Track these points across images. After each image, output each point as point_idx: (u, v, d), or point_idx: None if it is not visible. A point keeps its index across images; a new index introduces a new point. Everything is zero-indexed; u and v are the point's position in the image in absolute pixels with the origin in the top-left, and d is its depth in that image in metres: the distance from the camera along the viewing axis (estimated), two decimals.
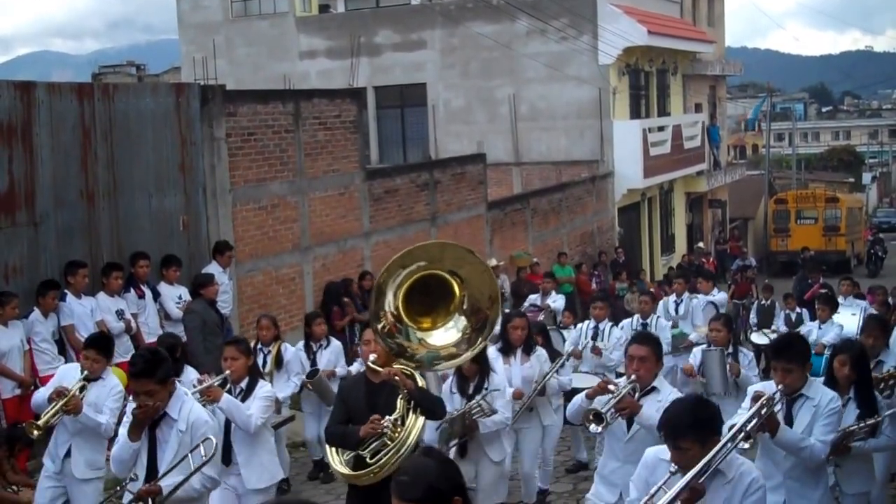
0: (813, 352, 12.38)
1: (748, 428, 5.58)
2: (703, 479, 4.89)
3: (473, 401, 8.14)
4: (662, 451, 5.12)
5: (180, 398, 6.32)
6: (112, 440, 7.20)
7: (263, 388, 7.79)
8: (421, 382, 6.89)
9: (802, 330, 14.16)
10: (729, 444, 5.09)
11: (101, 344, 8.08)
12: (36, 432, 7.80)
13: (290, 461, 11.21)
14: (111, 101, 12.24)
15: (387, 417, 6.61)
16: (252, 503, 7.51)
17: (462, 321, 6.46)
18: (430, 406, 6.85)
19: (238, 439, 7.63)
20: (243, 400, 7.63)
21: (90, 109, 11.95)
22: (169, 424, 6.26)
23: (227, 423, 7.59)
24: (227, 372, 7.68)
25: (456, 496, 3.62)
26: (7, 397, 10.39)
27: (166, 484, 6.10)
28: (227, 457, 7.60)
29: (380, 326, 6.45)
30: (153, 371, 6.12)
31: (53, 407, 7.65)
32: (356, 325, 15.07)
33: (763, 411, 5.79)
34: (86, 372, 7.82)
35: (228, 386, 7.71)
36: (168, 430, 6.25)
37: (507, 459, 8.75)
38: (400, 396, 6.68)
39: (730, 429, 5.40)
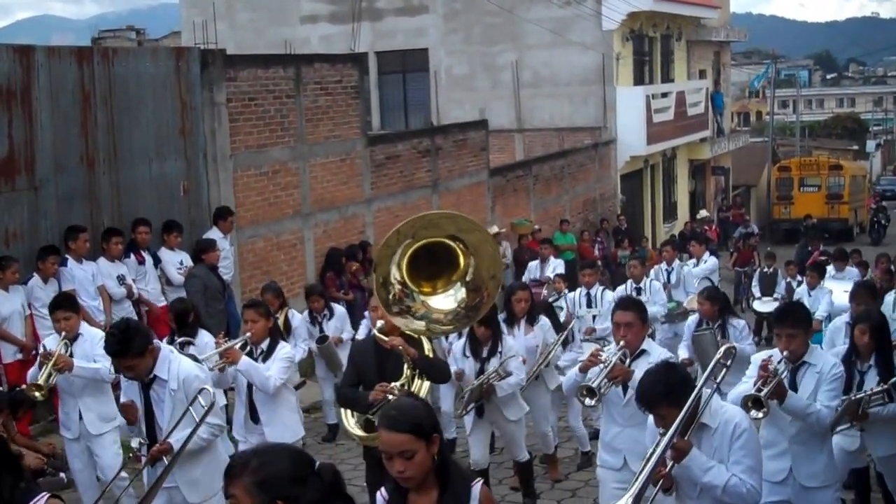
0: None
1: (762, 395, 5.73)
2: (688, 434, 5.06)
3: (490, 370, 8.47)
4: None
5: (166, 358, 6.43)
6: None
7: (283, 349, 7.98)
8: (427, 347, 6.98)
9: (794, 297, 14.22)
10: (705, 394, 5.20)
11: (65, 302, 8.21)
12: (38, 393, 7.89)
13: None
14: (111, 66, 12.18)
15: (394, 384, 6.72)
16: None
17: (462, 293, 6.47)
18: (433, 372, 7.02)
19: (260, 399, 7.86)
20: (264, 361, 7.81)
21: (90, 74, 11.90)
22: (161, 385, 6.39)
23: (250, 384, 7.79)
24: (248, 334, 7.86)
25: (435, 433, 4.02)
26: (8, 362, 10.43)
27: (175, 439, 6.23)
28: (255, 415, 7.90)
29: (388, 295, 6.45)
30: (128, 348, 6.19)
31: (45, 369, 7.71)
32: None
33: (772, 378, 5.87)
34: (63, 333, 7.87)
35: (249, 348, 7.87)
36: (161, 390, 6.39)
37: (524, 418, 9.04)
38: (405, 363, 6.82)
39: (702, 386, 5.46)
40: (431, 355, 7.07)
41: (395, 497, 4.09)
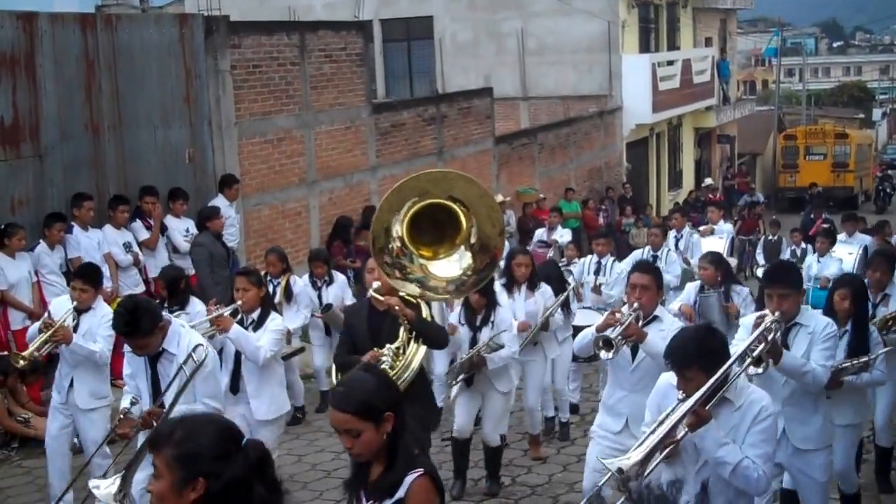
0: (818, 286, 12.48)
1: (753, 353, 5.56)
2: (709, 405, 4.89)
3: (480, 343, 8.33)
4: (674, 376, 5.11)
5: (176, 333, 6.36)
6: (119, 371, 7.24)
7: (275, 320, 7.82)
8: (425, 311, 6.89)
9: (805, 264, 14.17)
10: (736, 369, 5.09)
11: (88, 274, 8.11)
12: (21, 362, 7.87)
13: (304, 391, 11.37)
14: (114, 32, 12.14)
15: (387, 347, 6.63)
16: (262, 434, 7.51)
17: (467, 258, 6.39)
18: (431, 335, 6.89)
19: (247, 370, 7.70)
20: (255, 330, 7.68)
21: (93, 40, 11.86)
22: (169, 359, 6.32)
23: (237, 353, 7.65)
24: (239, 303, 7.70)
25: (389, 412, 3.86)
26: (17, 328, 10.46)
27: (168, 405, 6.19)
28: (236, 385, 7.70)
29: (385, 247, 6.36)
30: (136, 328, 6.16)
31: (41, 338, 7.68)
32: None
33: (768, 336, 5.73)
34: (75, 303, 7.84)
35: (240, 316, 7.74)
36: (168, 364, 6.32)
37: (513, 392, 8.89)
38: (401, 325, 6.71)
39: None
40: (429, 319, 6.95)
41: (361, 465, 4.02)
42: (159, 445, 3.09)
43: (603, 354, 6.40)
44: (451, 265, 6.40)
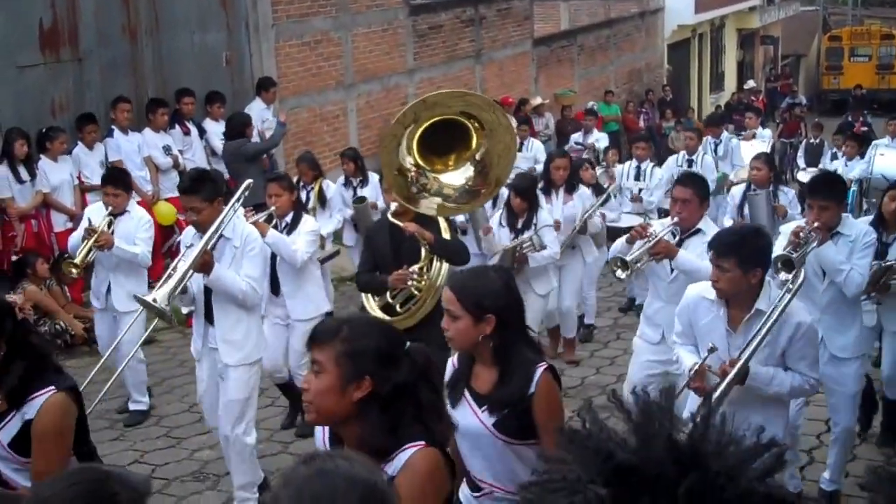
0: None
1: (793, 256, 5.74)
2: (748, 319, 4.94)
3: (525, 236, 8.45)
4: (705, 288, 5.12)
5: (232, 220, 6.46)
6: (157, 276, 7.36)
7: (307, 222, 7.94)
8: (444, 226, 6.91)
9: (830, 166, 14.11)
10: (769, 281, 5.08)
11: (117, 178, 8.25)
12: (74, 270, 7.99)
13: (336, 295, 11.47)
14: None
15: (413, 267, 6.69)
16: (299, 332, 7.63)
17: (470, 171, 6.40)
18: (450, 255, 6.91)
19: (283, 272, 7.82)
20: (288, 234, 7.80)
21: None
22: (223, 242, 6.41)
23: (273, 257, 7.76)
24: (273, 208, 7.80)
25: (491, 315, 3.80)
26: (59, 230, 10.64)
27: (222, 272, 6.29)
28: (276, 287, 7.83)
29: (406, 182, 6.37)
30: (198, 188, 6.29)
31: (86, 244, 7.82)
32: None
33: (804, 244, 5.83)
34: (110, 208, 7.97)
35: (274, 221, 7.85)
36: (222, 246, 6.40)
37: (550, 294, 8.97)
38: (422, 246, 6.76)
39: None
40: (448, 236, 6.95)
41: (463, 365, 4.02)
42: (323, 340, 3.03)
43: (619, 273, 6.49)
44: (457, 175, 6.43)
